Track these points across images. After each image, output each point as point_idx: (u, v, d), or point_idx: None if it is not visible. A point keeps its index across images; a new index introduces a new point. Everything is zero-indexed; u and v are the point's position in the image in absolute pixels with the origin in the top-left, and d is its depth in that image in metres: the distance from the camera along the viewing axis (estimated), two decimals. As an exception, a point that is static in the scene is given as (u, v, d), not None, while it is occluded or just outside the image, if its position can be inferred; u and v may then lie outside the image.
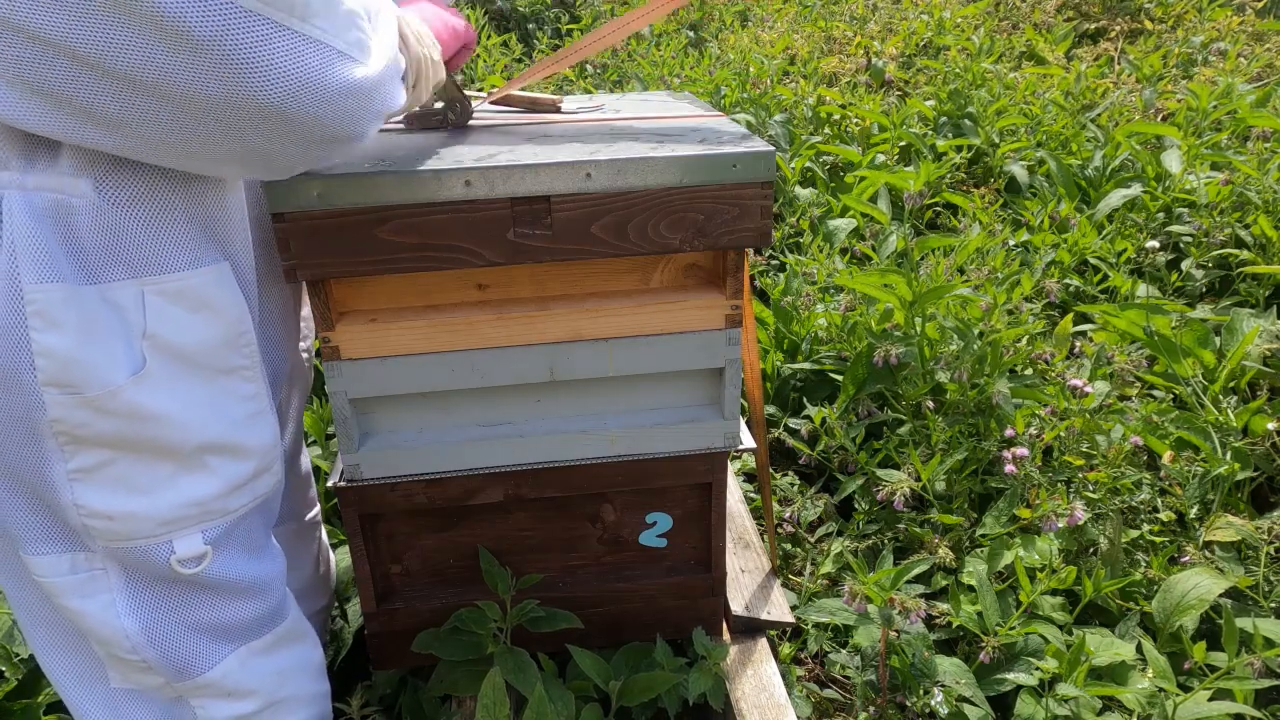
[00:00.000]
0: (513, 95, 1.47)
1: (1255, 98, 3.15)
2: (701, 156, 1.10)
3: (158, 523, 0.96)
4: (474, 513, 1.34)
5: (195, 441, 0.96)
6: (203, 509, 0.99)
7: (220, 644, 1.07)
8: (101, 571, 0.98)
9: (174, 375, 0.93)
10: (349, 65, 0.82)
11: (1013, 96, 3.46)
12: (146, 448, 0.93)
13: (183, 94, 0.75)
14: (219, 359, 0.97)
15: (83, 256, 0.86)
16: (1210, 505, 1.71)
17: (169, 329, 0.92)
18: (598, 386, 1.28)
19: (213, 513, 1.00)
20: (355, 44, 0.83)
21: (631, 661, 1.39)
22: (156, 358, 0.91)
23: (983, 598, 1.52)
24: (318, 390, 2.10)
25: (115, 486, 0.93)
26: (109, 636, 1.00)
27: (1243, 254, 2.44)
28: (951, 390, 1.96)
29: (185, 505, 0.97)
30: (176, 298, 0.92)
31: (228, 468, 1.00)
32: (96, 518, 0.93)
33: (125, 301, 0.89)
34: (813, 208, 2.97)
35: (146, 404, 0.91)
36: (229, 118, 0.77)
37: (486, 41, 4.34)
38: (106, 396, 0.88)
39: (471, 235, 1.09)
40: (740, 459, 2.07)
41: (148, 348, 0.90)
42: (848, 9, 4.95)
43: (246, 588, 1.07)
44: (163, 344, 0.91)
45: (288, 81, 0.77)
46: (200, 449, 0.96)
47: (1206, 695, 1.36)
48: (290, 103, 0.78)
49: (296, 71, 0.77)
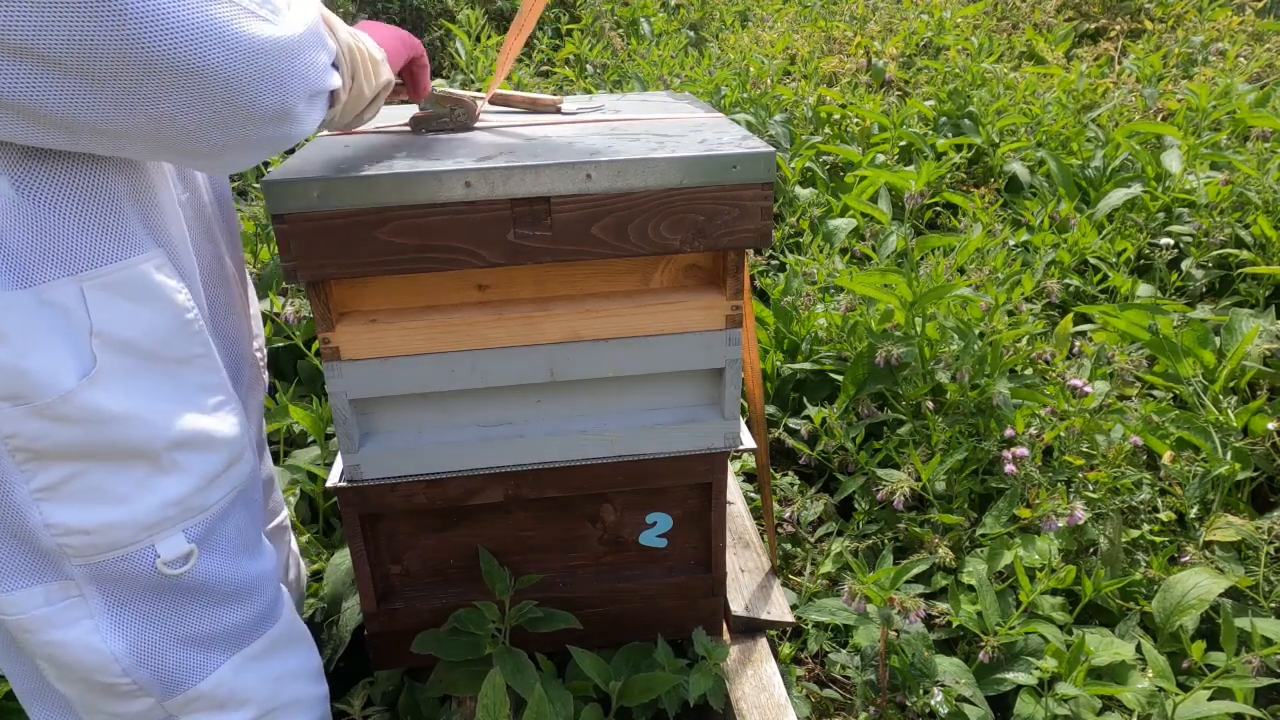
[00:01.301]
0: (513, 96, 1.47)
1: (1255, 98, 3.15)
2: (702, 157, 1.10)
3: (139, 528, 0.93)
4: (474, 513, 1.34)
5: (165, 438, 0.92)
6: (182, 507, 0.96)
7: (212, 653, 1.04)
8: (79, 598, 0.93)
9: (130, 371, 0.89)
10: (258, 22, 0.77)
11: (1013, 96, 3.46)
12: (114, 452, 0.89)
13: (84, 59, 0.69)
14: (175, 349, 0.94)
15: (11, 259, 0.81)
16: (1210, 505, 1.71)
17: (117, 323, 0.88)
18: (598, 387, 1.28)
19: (192, 509, 0.97)
20: (265, 4, 0.79)
21: (631, 662, 1.39)
22: (108, 355, 0.87)
23: (983, 597, 1.52)
24: (318, 390, 2.10)
25: (89, 498, 0.89)
26: (95, 664, 0.95)
27: (1243, 254, 2.44)
28: (951, 390, 1.96)
29: (164, 506, 0.94)
30: (119, 289, 0.88)
31: (200, 462, 0.96)
32: (73, 534, 0.89)
33: (65, 301, 0.84)
34: (813, 208, 2.97)
35: (104, 404, 0.87)
36: (136, 81, 0.72)
37: (486, 41, 4.34)
38: (59, 402, 0.84)
39: (472, 236, 1.09)
40: (740, 459, 2.07)
41: (98, 345, 0.86)
42: (848, 9, 4.95)
43: (236, 589, 1.04)
44: (113, 340, 0.87)
45: (190, 32, 0.71)
46: (171, 445, 0.93)
47: (1206, 695, 1.36)
48: (195, 57, 0.73)
49: (199, 21, 0.72)
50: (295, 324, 2.02)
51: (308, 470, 1.82)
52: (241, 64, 0.76)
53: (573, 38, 4.73)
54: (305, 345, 2.05)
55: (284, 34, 0.80)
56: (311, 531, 1.78)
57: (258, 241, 2.44)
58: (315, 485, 1.81)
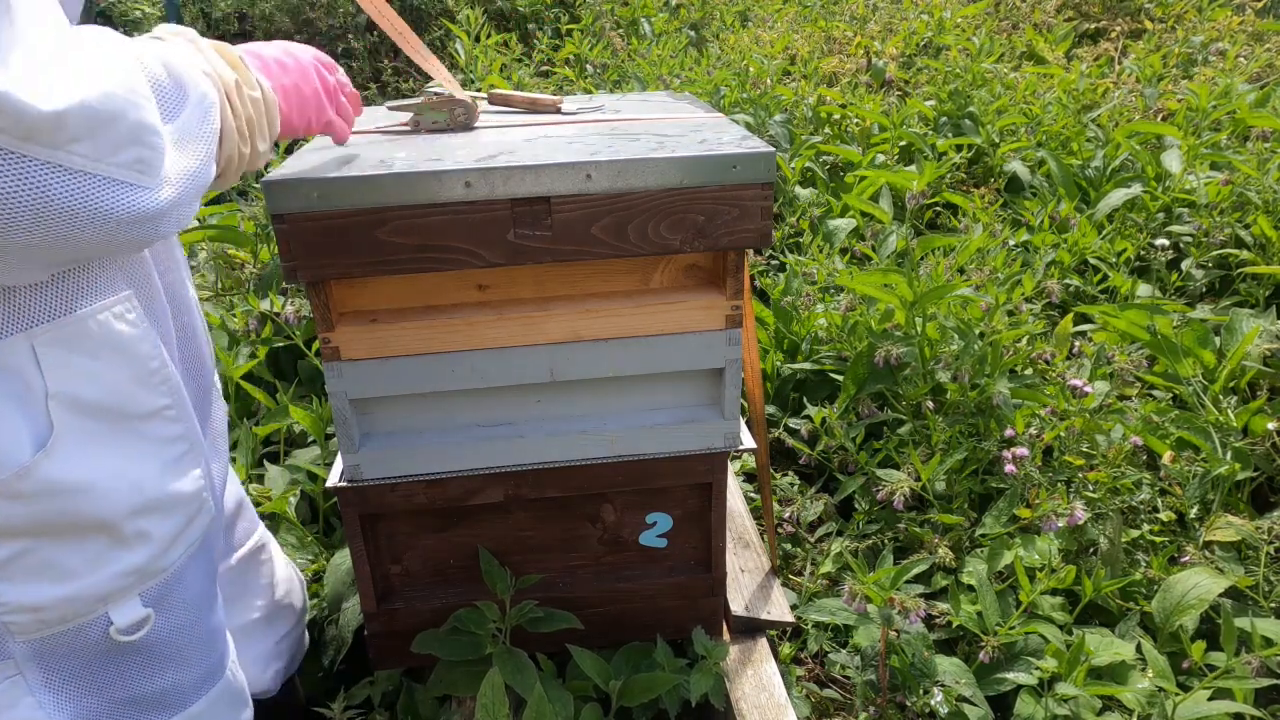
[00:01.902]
0: (513, 96, 1.47)
1: (1255, 98, 3.15)
2: (702, 158, 1.10)
3: (93, 600, 0.87)
4: (474, 513, 1.34)
5: (126, 506, 0.86)
6: (140, 574, 0.90)
7: (154, 713, 0.98)
8: (18, 676, 0.87)
9: (91, 435, 0.82)
10: (127, 193, 0.72)
11: (1013, 96, 3.46)
12: (71, 528, 0.83)
13: None
14: (136, 403, 0.87)
15: None
16: (1210, 505, 1.71)
17: (75, 383, 0.80)
18: (598, 387, 1.28)
19: (150, 574, 0.91)
20: (136, 164, 0.72)
21: (632, 661, 1.39)
22: (66, 420, 0.80)
23: (983, 597, 1.52)
24: (318, 390, 2.10)
25: (39, 576, 0.82)
26: None
27: (1243, 254, 2.44)
28: (952, 390, 1.96)
29: (121, 576, 0.88)
30: (76, 343, 0.80)
31: (162, 526, 0.91)
32: (20, 613, 0.83)
33: (16, 362, 0.77)
34: (813, 208, 2.97)
35: (62, 476, 0.80)
36: None
37: (486, 41, 4.34)
38: (14, 479, 0.77)
39: (472, 236, 1.09)
40: (740, 459, 2.07)
41: (55, 409, 0.79)
42: (848, 9, 4.95)
43: (184, 647, 0.99)
44: (71, 402, 0.80)
45: (64, 214, 0.67)
46: (132, 513, 0.87)
47: (1206, 695, 1.36)
48: (52, 235, 0.68)
49: (57, 203, 0.67)
50: (295, 324, 2.02)
51: (308, 470, 1.82)
52: (102, 233, 0.72)
53: (573, 38, 4.73)
54: (305, 345, 2.05)
55: (158, 200, 0.75)
56: (312, 531, 1.78)
57: (258, 241, 2.44)
58: (315, 485, 1.81)
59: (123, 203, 0.72)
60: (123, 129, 0.70)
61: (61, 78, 0.66)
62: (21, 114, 0.63)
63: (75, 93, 0.66)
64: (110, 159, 0.70)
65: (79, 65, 0.68)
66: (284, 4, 5.76)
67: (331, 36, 5.81)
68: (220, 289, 2.39)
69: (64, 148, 0.67)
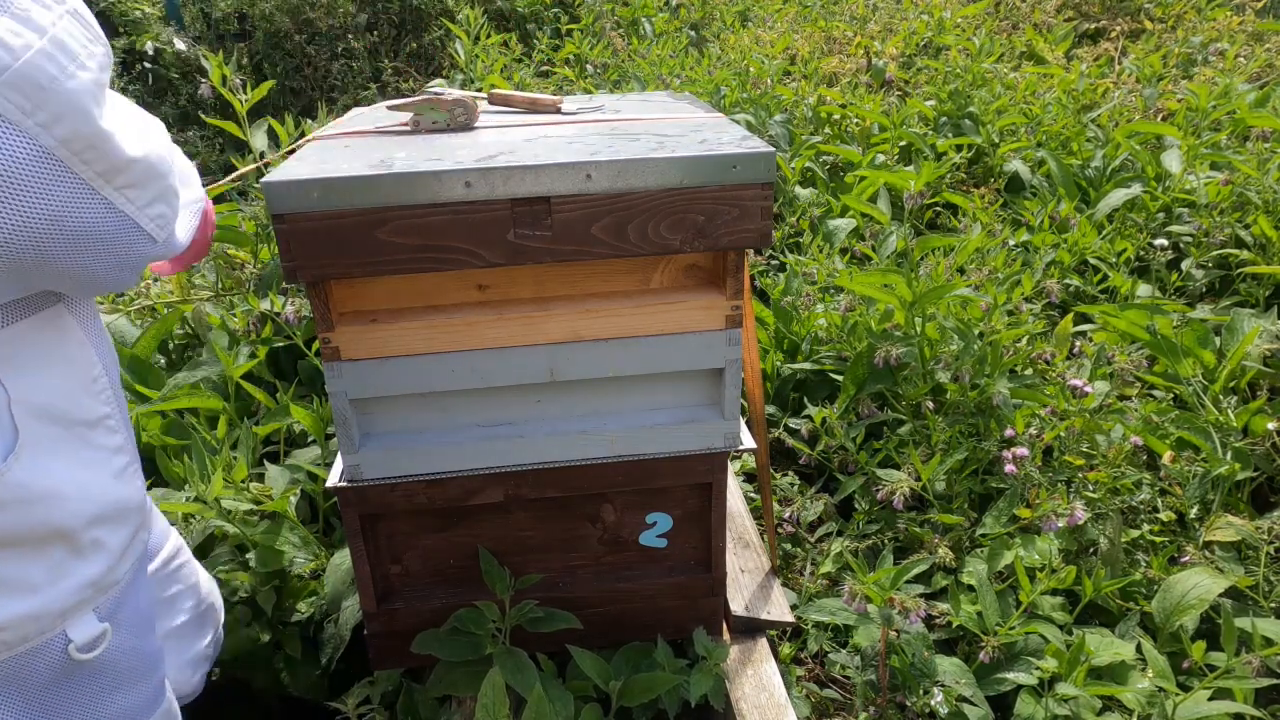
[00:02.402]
0: (513, 96, 1.47)
1: (1255, 98, 3.15)
2: (702, 158, 1.10)
3: (53, 616, 0.87)
4: (474, 513, 1.34)
5: (85, 514, 0.87)
6: (96, 586, 0.91)
7: None
8: None
9: (52, 440, 0.85)
10: (145, 241, 0.84)
11: (1013, 96, 3.46)
12: (31, 537, 0.84)
13: None
14: (84, 410, 0.90)
15: None
16: (1210, 505, 1.71)
17: (31, 388, 0.83)
18: (598, 387, 1.28)
19: (105, 586, 0.92)
20: (159, 218, 0.85)
21: (632, 662, 1.39)
22: (30, 423, 0.83)
23: (983, 598, 1.52)
24: (318, 390, 2.10)
25: (2, 591, 0.83)
26: None
27: (1243, 254, 2.44)
28: (951, 390, 1.96)
29: (81, 588, 0.89)
30: (29, 350, 0.83)
31: (115, 536, 0.92)
32: None
33: None
34: (813, 208, 2.97)
35: (30, 482, 0.82)
36: None
37: (486, 41, 4.34)
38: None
39: (472, 236, 1.09)
40: (740, 459, 2.07)
41: (19, 414, 0.82)
42: (848, 9, 4.95)
43: (135, 666, 0.99)
44: (31, 407, 0.83)
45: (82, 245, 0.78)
46: (90, 522, 0.88)
47: (1206, 695, 1.36)
48: (77, 263, 0.79)
49: (101, 237, 0.79)
50: (295, 324, 2.02)
51: (308, 470, 1.82)
52: (117, 271, 0.85)
53: (573, 38, 4.73)
54: (305, 345, 2.05)
55: (154, 254, 0.88)
56: (311, 531, 1.78)
57: (258, 241, 2.44)
58: (315, 485, 1.81)
59: (139, 248, 0.84)
60: (160, 187, 0.84)
61: (136, 133, 0.81)
62: (115, 156, 0.77)
63: (143, 147, 0.81)
64: (146, 210, 0.83)
65: (148, 127, 0.85)
66: (284, 4, 5.76)
67: (331, 37, 5.80)
68: (220, 289, 2.39)
69: (123, 190, 0.80)
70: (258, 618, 1.62)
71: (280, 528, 1.67)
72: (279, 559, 1.63)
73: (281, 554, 1.63)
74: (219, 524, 1.64)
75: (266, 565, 1.63)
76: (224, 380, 2.02)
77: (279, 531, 1.66)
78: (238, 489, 1.63)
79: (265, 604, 1.60)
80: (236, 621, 1.59)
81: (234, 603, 1.63)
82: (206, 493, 1.54)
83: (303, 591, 1.67)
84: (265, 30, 5.76)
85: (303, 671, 1.62)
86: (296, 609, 1.64)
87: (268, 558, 1.63)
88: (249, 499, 1.63)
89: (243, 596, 1.64)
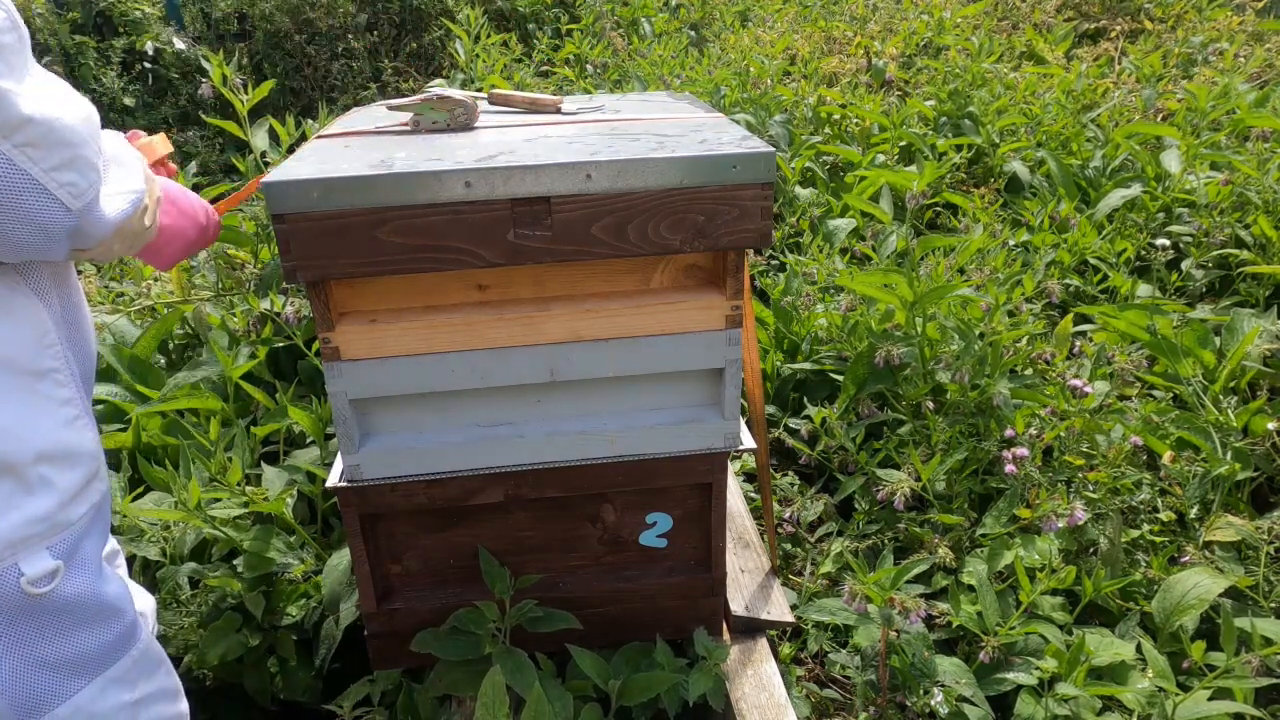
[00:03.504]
0: (513, 96, 1.47)
1: (1255, 98, 3.15)
2: (702, 158, 1.10)
3: (2, 547, 0.91)
4: (474, 513, 1.34)
5: (31, 450, 0.92)
6: (48, 523, 0.95)
7: (73, 678, 1.01)
8: None
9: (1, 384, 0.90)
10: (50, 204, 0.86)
11: (1013, 96, 3.46)
12: None
13: None
14: (34, 361, 0.95)
15: None
16: (1210, 505, 1.71)
17: None
18: (598, 386, 1.28)
19: (57, 525, 0.96)
20: (69, 185, 0.87)
21: (631, 661, 1.39)
22: None
23: (983, 598, 1.52)
24: (318, 390, 2.10)
25: None
26: None
27: (1243, 254, 2.44)
28: (952, 390, 1.96)
29: (29, 523, 0.93)
30: None
31: (64, 476, 0.96)
32: None
33: None
34: (813, 208, 2.97)
35: None
36: None
37: (486, 40, 4.34)
38: None
39: (472, 236, 1.09)
40: (740, 459, 2.07)
41: None
42: (848, 9, 4.95)
43: (99, 608, 1.02)
44: None
45: None
46: (37, 458, 0.93)
47: (1206, 694, 1.36)
48: None
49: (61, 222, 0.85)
50: (295, 324, 2.02)
51: (307, 470, 1.82)
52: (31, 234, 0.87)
53: (573, 38, 4.73)
54: (305, 345, 2.05)
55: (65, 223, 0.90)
56: (310, 532, 1.78)
57: (258, 241, 2.44)
58: (315, 485, 1.81)
59: (50, 214, 0.86)
60: (68, 154, 0.86)
61: (51, 100, 0.85)
62: (9, 112, 0.80)
63: (44, 110, 0.84)
64: (53, 174, 0.85)
65: (67, 99, 0.88)
66: (284, 4, 5.76)
67: (331, 37, 5.80)
68: (220, 289, 2.39)
69: (23, 149, 0.82)
70: (248, 623, 1.61)
71: (270, 532, 1.66)
72: (267, 564, 1.63)
73: (270, 560, 1.63)
74: (209, 531, 1.63)
75: (254, 570, 1.62)
76: (224, 380, 2.02)
77: (268, 536, 1.65)
78: (231, 491, 1.62)
79: (254, 608, 1.59)
80: (228, 627, 1.59)
81: (224, 609, 1.62)
82: (188, 498, 1.54)
83: (293, 595, 1.66)
84: (265, 30, 5.76)
85: (296, 675, 1.61)
86: (288, 613, 1.64)
87: (255, 563, 1.62)
88: (239, 502, 1.63)
89: (231, 603, 1.63)
